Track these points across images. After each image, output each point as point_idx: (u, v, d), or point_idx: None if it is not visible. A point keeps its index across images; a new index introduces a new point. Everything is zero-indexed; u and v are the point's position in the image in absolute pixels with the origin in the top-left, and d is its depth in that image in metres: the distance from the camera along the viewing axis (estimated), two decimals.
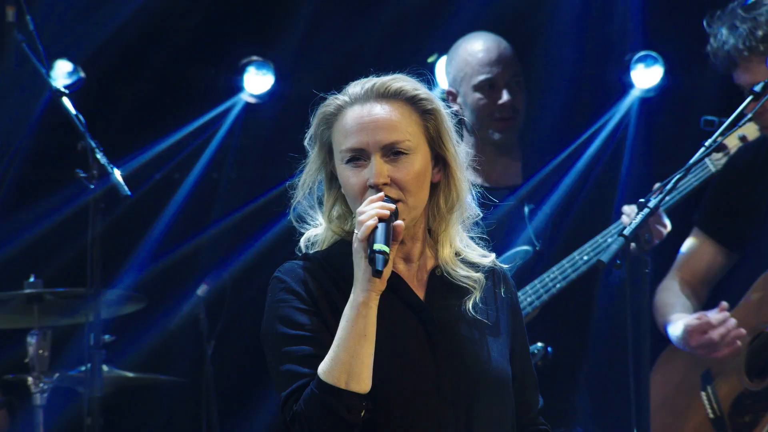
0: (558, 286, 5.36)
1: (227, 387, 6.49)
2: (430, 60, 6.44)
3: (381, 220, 3.38)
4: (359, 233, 3.37)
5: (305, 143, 3.61)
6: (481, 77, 5.57)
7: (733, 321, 4.67)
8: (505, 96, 5.55)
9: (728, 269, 5.01)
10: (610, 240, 4.92)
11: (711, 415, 4.73)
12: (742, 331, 4.65)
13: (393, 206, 3.42)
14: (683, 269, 5.04)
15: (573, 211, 5.44)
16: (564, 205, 5.54)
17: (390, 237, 3.38)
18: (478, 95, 5.56)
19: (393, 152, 3.50)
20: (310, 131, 3.59)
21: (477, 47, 5.60)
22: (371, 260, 3.35)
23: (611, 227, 5.22)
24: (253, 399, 6.62)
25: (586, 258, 5.25)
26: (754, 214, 4.86)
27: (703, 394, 4.77)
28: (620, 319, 5.11)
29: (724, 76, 5.20)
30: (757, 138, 4.79)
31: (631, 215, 4.90)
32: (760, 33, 4.73)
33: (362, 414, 3.41)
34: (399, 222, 3.41)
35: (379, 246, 3.34)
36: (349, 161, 3.49)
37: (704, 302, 4.99)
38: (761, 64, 4.76)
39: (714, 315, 4.70)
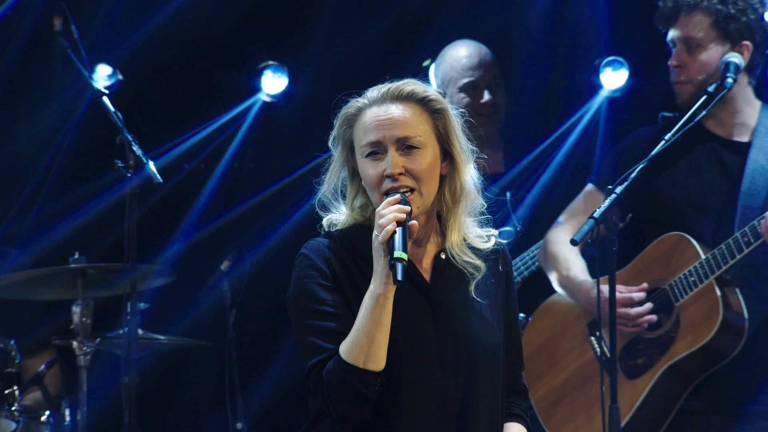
0: (537, 263, 5.39)
1: (247, 350, 6.54)
2: (424, 64, 6.47)
3: (399, 224, 3.40)
4: (380, 236, 3.40)
5: (329, 143, 3.64)
6: (465, 80, 5.65)
7: (649, 305, 4.67)
8: (486, 96, 5.58)
9: None
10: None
11: (600, 355, 4.72)
12: (654, 317, 4.66)
13: (408, 208, 3.44)
14: (575, 221, 5.01)
15: (552, 197, 5.45)
16: (544, 192, 5.55)
17: (407, 240, 3.40)
18: (462, 95, 5.61)
19: (406, 146, 3.52)
20: (333, 132, 3.62)
21: (461, 53, 5.71)
22: (392, 267, 3.38)
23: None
24: (270, 361, 6.67)
25: None
26: (647, 185, 4.83)
27: (591, 338, 4.77)
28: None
29: None
30: (667, 119, 4.76)
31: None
32: None
33: (377, 388, 3.44)
34: (413, 222, 3.45)
35: (398, 254, 3.37)
36: (368, 155, 3.53)
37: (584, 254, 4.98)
38: (701, 18, 4.74)
39: (636, 294, 4.69)
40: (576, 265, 4.94)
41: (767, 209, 4.68)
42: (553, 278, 4.96)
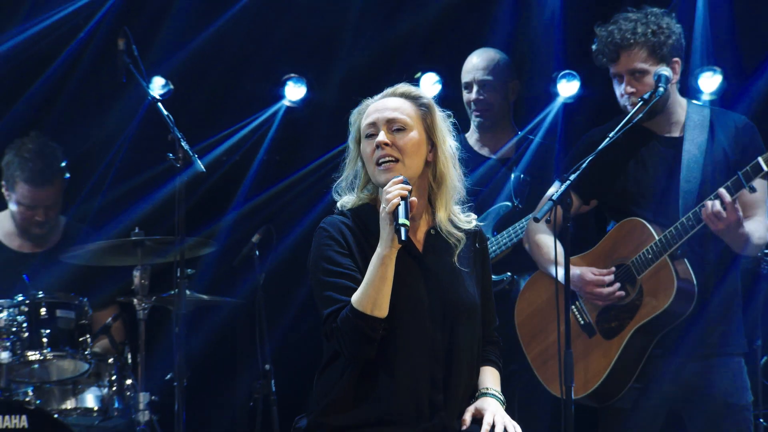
0: (508, 244, 5.46)
1: (273, 306, 6.61)
2: (416, 76, 6.55)
3: (402, 199, 3.52)
4: (387, 207, 3.52)
5: (348, 142, 3.78)
6: (463, 80, 5.70)
7: (617, 284, 4.74)
8: (473, 94, 5.62)
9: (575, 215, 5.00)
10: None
11: (581, 321, 4.78)
12: (622, 293, 4.72)
13: (409, 187, 3.56)
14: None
15: (544, 179, 5.47)
16: (536, 174, 5.59)
17: (408, 211, 3.52)
18: (464, 92, 5.68)
19: (394, 128, 3.65)
20: (351, 134, 3.76)
21: (469, 58, 5.84)
22: (397, 231, 3.49)
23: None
24: (292, 314, 6.76)
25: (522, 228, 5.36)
26: (605, 179, 4.86)
27: (573, 306, 4.81)
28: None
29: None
30: (615, 121, 4.78)
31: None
32: (640, 29, 4.73)
33: (381, 332, 3.55)
34: (413, 199, 3.59)
35: (402, 220, 3.48)
36: (368, 136, 3.69)
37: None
38: (639, 52, 4.75)
39: (607, 277, 4.75)
40: (554, 250, 4.99)
41: (702, 191, 4.70)
42: (538, 262, 4.99)
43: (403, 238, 3.45)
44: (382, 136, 3.62)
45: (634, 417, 4.78)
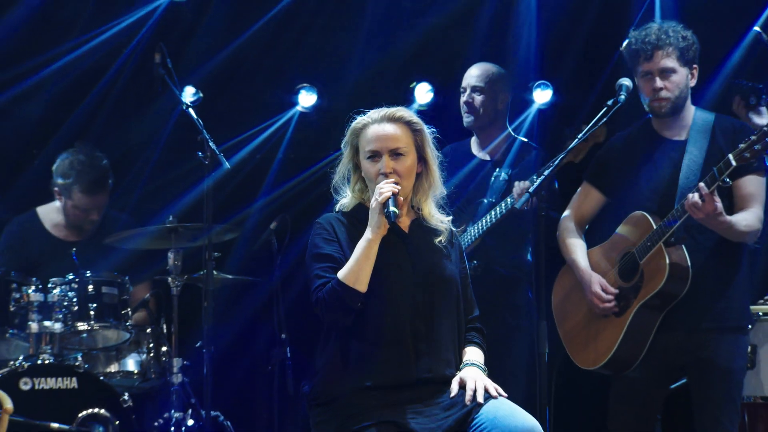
0: (494, 219, 5.42)
1: (289, 284, 6.62)
2: (411, 86, 6.59)
3: (393, 194, 3.66)
4: (379, 198, 3.64)
5: (341, 146, 3.87)
6: (461, 86, 5.66)
7: (614, 302, 4.81)
8: (464, 97, 5.65)
9: (600, 210, 5.03)
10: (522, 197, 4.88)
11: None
12: (615, 308, 4.80)
13: (398, 187, 3.69)
14: (576, 211, 5.06)
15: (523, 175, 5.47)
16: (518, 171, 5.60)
17: (396, 204, 3.66)
18: (460, 96, 5.66)
19: (395, 154, 3.75)
20: (345, 139, 3.86)
21: (471, 70, 5.68)
22: (387, 216, 3.62)
23: (503, 202, 5.31)
24: (303, 291, 6.77)
25: (504, 205, 5.34)
26: (624, 175, 4.90)
27: None
28: (527, 240, 5.24)
29: (588, 97, 5.24)
30: (634, 126, 4.81)
31: (519, 187, 5.04)
32: (672, 33, 4.76)
33: (359, 304, 3.64)
34: (401, 197, 3.72)
35: (392, 208, 3.63)
36: (369, 157, 3.79)
37: (584, 231, 5.04)
38: (672, 52, 4.79)
39: (607, 296, 4.81)
40: (577, 250, 5.01)
41: None
42: (565, 256, 5.06)
43: (392, 218, 3.59)
44: (386, 166, 3.72)
45: (642, 383, 4.76)
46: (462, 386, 3.66)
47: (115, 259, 5.98)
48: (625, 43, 4.88)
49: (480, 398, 3.60)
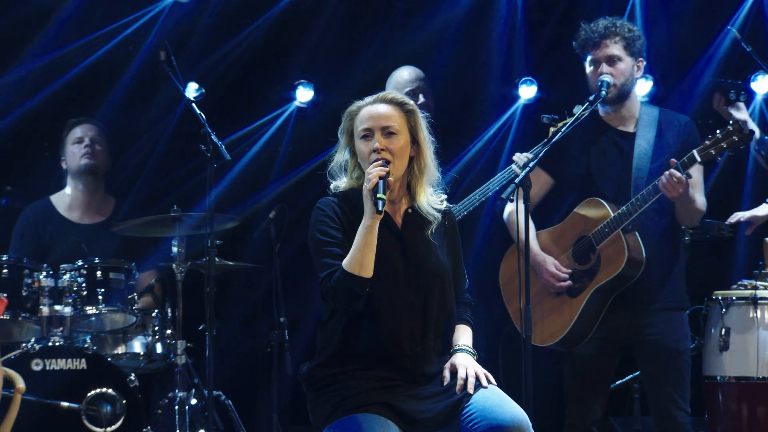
0: (476, 203, 5.45)
1: (288, 272, 6.64)
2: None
3: (380, 178, 3.54)
4: (368, 185, 3.55)
5: (338, 134, 3.78)
6: (405, 90, 5.60)
7: (570, 282, 4.86)
8: (420, 99, 5.63)
9: (548, 192, 5.07)
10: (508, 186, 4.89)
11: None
12: (570, 283, 4.84)
13: (387, 169, 3.57)
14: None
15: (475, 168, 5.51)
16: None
17: (386, 188, 3.55)
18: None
19: (387, 132, 3.64)
20: (341, 127, 3.77)
21: (403, 74, 5.67)
22: (375, 203, 3.51)
23: (504, 171, 5.30)
24: (302, 278, 6.80)
25: (489, 189, 5.36)
26: (571, 160, 4.93)
27: None
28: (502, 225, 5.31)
29: (572, 93, 5.26)
30: (581, 115, 4.83)
31: (519, 158, 5.03)
32: (619, 24, 4.80)
33: (367, 290, 3.57)
34: (390, 179, 3.59)
35: (380, 195, 3.51)
36: (362, 137, 3.69)
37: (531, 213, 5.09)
38: (618, 41, 4.83)
39: (563, 274, 4.85)
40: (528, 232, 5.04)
41: (650, 178, 4.81)
42: (512, 236, 5.05)
43: (379, 209, 3.49)
44: (378, 143, 3.63)
45: (594, 361, 4.87)
46: (453, 373, 3.63)
47: (123, 246, 5.94)
48: (576, 36, 4.96)
49: (471, 388, 3.57)
